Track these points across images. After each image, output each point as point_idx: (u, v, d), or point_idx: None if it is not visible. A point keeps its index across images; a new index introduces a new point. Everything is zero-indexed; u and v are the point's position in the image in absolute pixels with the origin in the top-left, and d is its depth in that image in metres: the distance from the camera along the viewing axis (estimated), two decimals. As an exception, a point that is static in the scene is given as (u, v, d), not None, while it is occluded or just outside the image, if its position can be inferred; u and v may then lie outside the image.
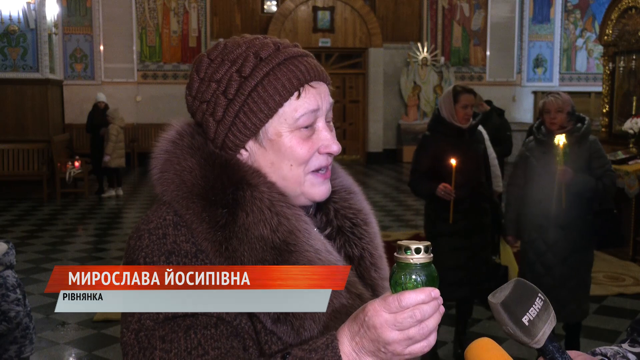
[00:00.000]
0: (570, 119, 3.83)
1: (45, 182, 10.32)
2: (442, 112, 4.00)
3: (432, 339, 0.90)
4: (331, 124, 1.15)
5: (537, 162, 3.91)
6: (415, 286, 0.87)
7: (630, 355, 1.14)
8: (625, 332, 1.26)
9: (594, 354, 1.13)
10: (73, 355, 4.40)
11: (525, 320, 0.94)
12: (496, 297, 0.96)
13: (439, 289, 0.89)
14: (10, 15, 10.25)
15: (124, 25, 14.38)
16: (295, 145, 1.09)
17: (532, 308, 0.95)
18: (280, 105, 1.08)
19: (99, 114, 10.80)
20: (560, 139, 3.76)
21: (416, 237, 6.32)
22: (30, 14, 10.29)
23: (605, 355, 1.12)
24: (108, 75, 14.44)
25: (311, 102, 1.09)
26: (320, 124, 1.11)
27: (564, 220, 3.82)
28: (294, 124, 1.09)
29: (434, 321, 0.88)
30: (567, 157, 3.76)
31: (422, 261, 0.88)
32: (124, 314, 1.03)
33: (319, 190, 1.13)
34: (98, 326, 4.78)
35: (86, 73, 14.37)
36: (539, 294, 0.97)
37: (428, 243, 0.88)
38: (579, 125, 3.84)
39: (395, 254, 0.89)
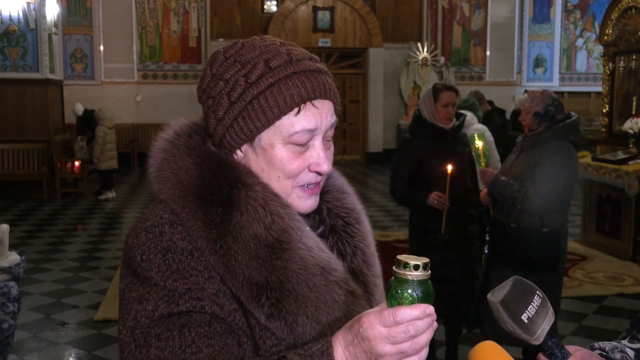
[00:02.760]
0: (541, 120, 3.42)
1: (45, 182, 10.32)
2: (423, 113, 3.72)
3: (423, 354, 0.92)
4: (330, 142, 1.15)
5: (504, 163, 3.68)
6: (411, 302, 0.89)
7: (628, 351, 1.15)
8: (625, 331, 1.27)
9: (592, 348, 1.14)
10: (73, 355, 4.40)
11: (524, 317, 0.95)
12: (495, 296, 0.97)
13: (433, 305, 0.90)
14: (10, 15, 10.25)
15: (124, 25, 14.39)
16: (285, 159, 1.10)
17: (530, 305, 0.96)
18: (278, 118, 1.09)
19: (81, 122, 11.02)
20: (477, 140, 3.53)
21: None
22: (30, 14, 10.29)
23: (603, 350, 1.13)
24: (108, 75, 14.45)
25: (309, 121, 1.09)
26: (317, 142, 1.12)
27: (492, 229, 3.53)
28: (288, 138, 1.09)
29: (426, 337, 0.90)
30: (486, 159, 3.53)
31: (419, 278, 0.89)
32: (120, 312, 1.05)
33: (305, 203, 1.14)
34: (98, 326, 4.78)
35: (86, 73, 14.37)
36: (537, 292, 0.98)
37: (427, 260, 0.90)
38: (552, 127, 3.42)
39: (393, 268, 0.91)
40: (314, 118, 1.10)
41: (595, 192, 7.05)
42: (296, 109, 1.08)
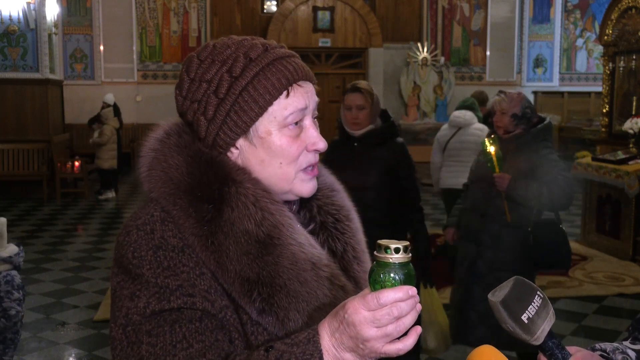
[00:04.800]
0: (518, 122, 3.36)
1: (45, 182, 10.32)
2: None
3: (409, 343, 0.92)
4: (316, 121, 1.19)
5: (475, 167, 3.61)
6: (394, 284, 0.90)
7: (630, 352, 1.14)
8: (626, 331, 1.26)
9: (593, 349, 1.14)
10: (73, 355, 4.40)
11: (524, 318, 0.95)
12: (496, 296, 0.97)
13: (416, 287, 0.91)
14: (10, 15, 10.25)
15: (124, 25, 14.38)
16: (285, 144, 1.13)
17: (531, 306, 0.96)
18: (270, 103, 1.11)
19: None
20: (489, 145, 3.37)
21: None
22: (30, 14, 10.28)
23: (604, 351, 1.13)
24: (108, 75, 14.44)
25: (300, 100, 1.13)
26: (308, 121, 1.15)
27: (510, 233, 3.42)
28: (283, 121, 1.12)
29: (410, 318, 0.91)
30: (500, 164, 3.35)
31: (400, 260, 0.90)
32: (112, 309, 1.06)
33: (307, 186, 1.17)
34: (98, 326, 4.78)
35: (86, 73, 14.36)
36: (538, 292, 0.97)
37: (407, 243, 0.91)
38: (533, 130, 3.37)
39: (375, 252, 0.92)
40: (302, 97, 1.13)
41: (595, 192, 7.05)
42: (285, 92, 1.12)
